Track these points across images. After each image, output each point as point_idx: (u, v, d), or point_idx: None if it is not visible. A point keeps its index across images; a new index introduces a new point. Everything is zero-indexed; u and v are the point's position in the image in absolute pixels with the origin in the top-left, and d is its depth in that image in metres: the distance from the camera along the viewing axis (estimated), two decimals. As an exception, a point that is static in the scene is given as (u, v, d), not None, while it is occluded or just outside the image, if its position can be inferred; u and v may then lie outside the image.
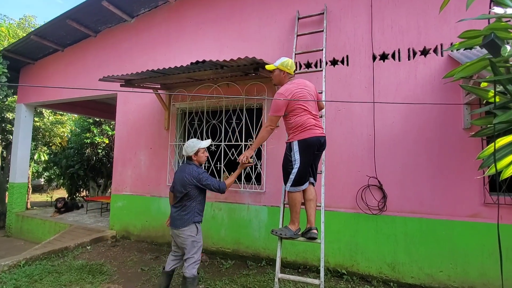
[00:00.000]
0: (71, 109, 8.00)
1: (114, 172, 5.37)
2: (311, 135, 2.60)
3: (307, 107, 2.66)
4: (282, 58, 2.84)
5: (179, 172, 2.85)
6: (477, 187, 3.11)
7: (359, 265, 3.48)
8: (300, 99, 2.63)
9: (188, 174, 2.72)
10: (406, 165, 3.38)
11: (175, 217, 2.74)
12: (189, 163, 2.84)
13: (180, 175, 2.78)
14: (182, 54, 4.86)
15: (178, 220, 2.71)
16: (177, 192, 2.76)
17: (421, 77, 3.41)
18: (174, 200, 2.84)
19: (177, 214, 2.74)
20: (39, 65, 6.63)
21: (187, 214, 2.73)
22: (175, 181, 2.84)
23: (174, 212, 2.77)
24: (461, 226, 3.13)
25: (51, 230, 5.83)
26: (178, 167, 2.88)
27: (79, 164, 9.87)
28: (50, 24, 5.37)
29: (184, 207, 2.75)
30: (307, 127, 2.61)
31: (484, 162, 1.22)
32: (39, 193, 14.41)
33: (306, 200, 2.74)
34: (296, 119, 2.64)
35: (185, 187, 2.69)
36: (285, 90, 2.69)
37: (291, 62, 2.82)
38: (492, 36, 0.95)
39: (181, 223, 2.70)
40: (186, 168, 2.79)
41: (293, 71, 2.88)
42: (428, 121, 3.33)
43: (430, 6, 3.45)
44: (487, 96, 1.16)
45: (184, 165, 2.85)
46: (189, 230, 2.70)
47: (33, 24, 11.72)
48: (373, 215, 3.44)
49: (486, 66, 1.10)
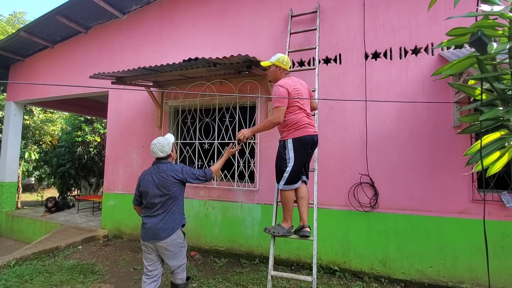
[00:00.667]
0: (62, 107, 7.86)
1: (106, 171, 5.31)
2: (305, 133, 2.61)
3: (303, 105, 2.67)
4: (277, 54, 2.83)
5: (150, 175, 2.39)
6: (466, 184, 3.17)
7: (351, 262, 3.51)
8: (298, 96, 2.63)
9: (168, 172, 2.36)
10: (397, 162, 3.42)
11: (158, 228, 2.30)
12: (163, 162, 2.44)
13: (155, 178, 2.35)
14: (175, 51, 4.81)
15: (164, 230, 2.31)
16: (155, 198, 2.33)
17: (412, 76, 3.45)
18: (149, 209, 2.38)
19: (162, 223, 2.32)
20: (29, 62, 6.50)
21: (174, 219, 2.37)
22: (147, 187, 2.35)
23: (155, 222, 2.32)
24: (450, 222, 3.18)
25: (41, 229, 5.74)
26: (144, 172, 2.47)
27: (70, 163, 9.71)
28: (40, 21, 5.26)
29: (169, 212, 2.36)
30: (301, 125, 2.62)
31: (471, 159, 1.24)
32: (30, 192, 14.16)
33: (299, 198, 2.75)
34: (291, 117, 2.64)
35: (168, 188, 2.33)
36: (284, 83, 2.66)
37: (286, 58, 2.81)
38: (479, 34, 0.96)
39: (168, 232, 2.31)
40: (161, 168, 2.40)
41: (289, 67, 2.86)
42: (419, 119, 3.37)
43: (421, 6, 3.48)
44: (474, 93, 1.18)
45: (156, 167, 2.42)
46: (177, 236, 2.37)
47: (23, 21, 11.47)
48: (365, 212, 3.47)
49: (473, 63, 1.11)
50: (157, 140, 2.45)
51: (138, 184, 2.46)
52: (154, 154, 2.44)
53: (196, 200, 4.44)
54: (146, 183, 2.37)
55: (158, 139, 2.46)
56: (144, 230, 2.38)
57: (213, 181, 4.36)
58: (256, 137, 4.13)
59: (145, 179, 2.39)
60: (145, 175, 2.43)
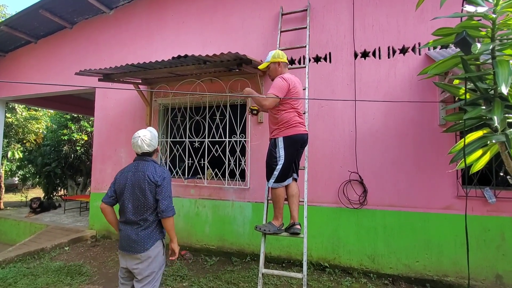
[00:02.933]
0: (47, 104, 7.63)
1: (94, 170, 5.19)
2: (296, 132, 2.64)
3: (296, 105, 2.69)
4: (270, 52, 2.85)
5: (129, 172, 2.03)
6: (450, 181, 3.26)
7: (341, 258, 3.57)
8: (296, 96, 2.65)
9: (147, 171, 1.98)
10: (386, 160, 3.49)
11: (135, 239, 1.94)
12: (146, 159, 2.08)
13: (132, 177, 2.00)
14: (164, 48, 4.74)
15: (141, 240, 1.94)
16: (133, 200, 1.96)
17: (400, 75, 3.51)
18: (123, 214, 2.01)
19: (140, 233, 1.95)
20: (11, 57, 6.26)
21: (153, 229, 2.00)
22: (123, 186, 2.00)
23: (131, 230, 1.96)
24: (436, 218, 3.27)
25: (26, 231, 5.57)
26: (123, 168, 2.13)
27: (56, 162, 9.44)
28: (22, 14, 5.06)
29: (146, 222, 1.97)
30: (292, 124, 2.65)
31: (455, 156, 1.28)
32: (13, 192, 13.69)
33: (289, 196, 2.76)
34: (283, 115, 2.66)
35: (144, 191, 1.94)
36: (288, 78, 2.68)
37: (281, 52, 2.84)
38: (463, 34, 0.99)
39: (145, 243, 1.94)
40: (141, 165, 2.03)
41: (287, 59, 2.87)
42: (406, 118, 3.44)
43: (409, 6, 3.54)
44: (458, 93, 1.21)
45: (136, 164, 2.07)
46: (157, 248, 2.00)
47: (4, 14, 11.01)
48: (354, 209, 3.53)
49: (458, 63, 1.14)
50: (140, 132, 2.08)
51: (114, 181, 2.09)
52: (139, 149, 2.05)
53: (186, 199, 4.41)
54: (122, 181, 2.03)
55: (141, 131, 2.10)
56: (120, 238, 2.05)
57: (203, 180, 4.34)
58: (247, 136, 4.12)
59: (122, 176, 2.05)
60: (123, 172, 2.09)
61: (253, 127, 4.11)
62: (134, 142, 2.06)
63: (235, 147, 4.16)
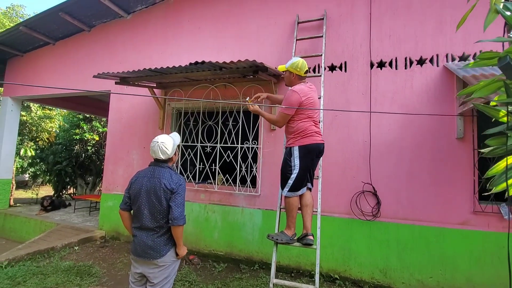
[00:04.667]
0: (61, 104, 7.78)
1: (105, 171, 5.24)
2: (312, 141, 2.63)
3: (313, 114, 2.68)
4: (293, 58, 2.82)
5: (143, 178, 2.01)
6: (467, 196, 3.18)
7: (352, 270, 3.50)
8: (310, 106, 2.64)
9: (163, 179, 1.97)
10: (400, 172, 3.43)
11: (151, 245, 1.95)
12: (161, 165, 2.05)
13: (148, 183, 1.98)
14: (179, 52, 4.79)
15: (157, 247, 1.96)
16: (149, 207, 1.96)
17: (417, 86, 3.47)
18: (139, 220, 2.01)
19: (157, 239, 1.97)
20: (28, 57, 6.42)
21: (170, 235, 2.01)
22: (138, 192, 1.99)
23: (147, 236, 1.97)
24: (451, 233, 3.19)
25: (36, 229, 5.63)
26: (138, 173, 2.10)
27: (67, 161, 9.59)
28: (42, 16, 5.20)
29: (162, 229, 1.99)
30: (308, 133, 2.64)
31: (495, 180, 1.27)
32: (23, 189, 13.97)
33: (303, 206, 2.74)
34: (298, 124, 2.65)
35: (160, 198, 1.94)
36: (299, 89, 2.65)
37: (301, 63, 2.76)
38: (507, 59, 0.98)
39: (161, 250, 1.96)
40: (157, 172, 2.01)
41: (304, 73, 2.80)
42: (422, 130, 3.39)
43: (427, 17, 3.51)
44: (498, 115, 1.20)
45: (151, 169, 2.04)
46: (172, 253, 2.03)
47: (22, 14, 11.33)
48: (367, 221, 3.47)
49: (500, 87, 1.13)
50: (161, 138, 2.05)
51: (129, 186, 2.09)
52: (154, 154, 2.05)
53: (196, 203, 4.41)
54: (137, 187, 2.01)
55: (162, 137, 2.07)
56: (133, 243, 2.05)
57: (214, 185, 4.34)
58: (259, 142, 4.12)
59: (137, 182, 2.03)
60: (137, 177, 2.06)
61: (265, 134, 4.10)
62: (152, 146, 2.05)
63: (247, 153, 4.16)
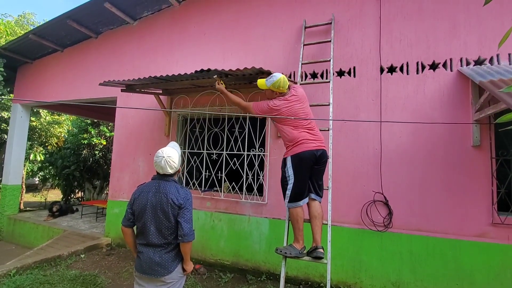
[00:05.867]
0: (69, 110, 7.85)
1: (111, 177, 5.24)
2: (303, 149, 2.55)
3: (299, 121, 2.61)
4: (274, 76, 2.69)
5: (148, 193, 1.93)
6: (485, 206, 3.04)
7: (363, 283, 3.38)
8: (290, 114, 2.59)
9: (170, 194, 1.89)
10: (413, 181, 3.30)
11: (157, 262, 1.87)
12: (167, 179, 1.97)
13: (154, 198, 1.90)
14: (185, 59, 4.76)
15: (165, 263, 1.88)
16: (155, 223, 1.88)
17: (429, 92, 3.35)
18: (144, 237, 1.91)
19: (164, 255, 1.89)
20: (37, 64, 6.50)
21: (177, 251, 1.94)
22: (143, 208, 1.91)
23: (154, 253, 1.88)
24: (468, 246, 3.05)
25: (44, 235, 5.66)
26: (140, 188, 2.03)
27: (75, 165, 9.68)
28: (50, 24, 5.26)
29: (170, 245, 1.91)
30: (299, 141, 2.57)
31: None
32: (33, 193, 14.15)
33: (311, 217, 2.65)
34: (289, 135, 2.61)
35: (167, 213, 1.86)
36: (274, 104, 2.66)
37: (283, 79, 2.66)
38: None
39: (169, 266, 1.89)
40: (163, 186, 1.93)
41: (287, 88, 2.73)
42: (436, 137, 3.26)
43: (439, 20, 3.39)
44: None
45: (156, 183, 1.96)
46: (180, 269, 1.96)
47: (32, 22, 11.57)
48: (378, 231, 3.35)
49: None
50: (166, 152, 1.95)
51: (132, 202, 1.98)
52: (161, 170, 1.95)
53: (202, 211, 4.34)
54: (142, 202, 1.92)
55: (167, 151, 1.96)
56: (138, 260, 1.94)
57: (220, 193, 4.27)
58: (266, 150, 4.04)
59: (141, 197, 1.94)
60: (141, 192, 1.97)
61: (272, 141, 4.02)
62: (157, 162, 1.95)
63: (254, 161, 4.08)
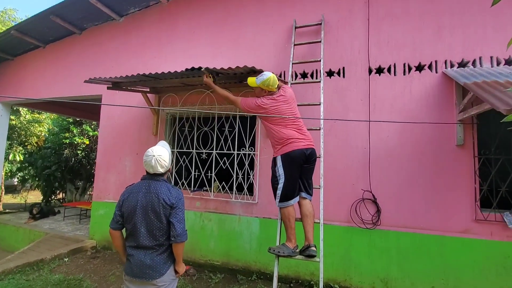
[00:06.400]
0: (51, 109, 7.57)
1: (96, 178, 5.08)
2: (293, 148, 2.56)
3: (289, 120, 2.62)
4: (264, 74, 2.72)
5: (138, 194, 1.86)
6: (468, 203, 3.15)
7: (352, 280, 3.43)
8: (274, 112, 2.61)
9: (161, 194, 1.83)
10: (400, 179, 3.38)
11: (149, 264, 1.80)
12: (157, 179, 1.91)
13: (144, 199, 1.83)
14: (174, 57, 4.68)
15: (156, 266, 1.82)
16: (146, 225, 1.81)
17: (416, 92, 3.44)
18: (135, 239, 1.84)
19: (156, 258, 1.83)
20: (19, 61, 6.22)
21: (169, 253, 1.89)
22: (133, 209, 1.83)
23: (145, 255, 1.81)
24: (453, 241, 3.15)
25: (25, 238, 5.43)
26: (129, 189, 1.95)
27: (56, 165, 9.34)
28: (33, 20, 5.05)
29: (162, 247, 1.85)
30: (289, 140, 2.58)
31: None
32: (12, 194, 13.58)
33: (303, 216, 2.66)
34: (278, 134, 2.61)
35: (159, 214, 1.80)
36: (262, 103, 2.68)
37: (273, 78, 2.69)
38: None
39: (161, 269, 1.83)
40: (153, 186, 1.87)
41: (276, 87, 2.75)
42: (422, 136, 3.35)
43: (425, 23, 3.49)
44: None
45: (146, 183, 1.89)
46: (172, 271, 1.91)
47: (14, 18, 11.09)
48: (367, 229, 3.41)
49: None
50: (156, 150, 1.89)
51: (121, 203, 1.90)
52: (151, 169, 1.88)
53: (191, 211, 4.28)
54: (132, 203, 1.85)
55: (157, 149, 1.91)
56: (128, 263, 1.87)
57: (210, 193, 4.22)
58: (256, 149, 4.03)
59: (131, 198, 1.86)
60: (130, 193, 1.90)
61: (262, 140, 4.02)
62: (147, 161, 1.88)
63: (244, 160, 4.06)
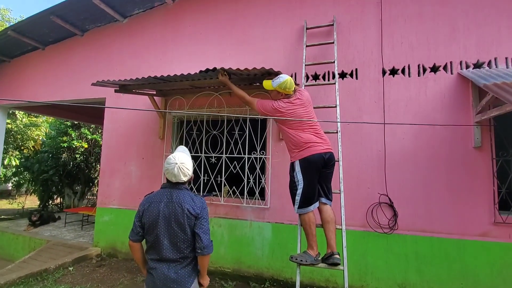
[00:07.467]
0: (50, 112, 7.37)
1: (101, 184, 4.93)
2: (312, 152, 2.50)
3: (306, 124, 2.57)
4: (281, 77, 2.66)
5: (159, 204, 1.76)
6: (487, 206, 3.11)
7: (369, 286, 3.36)
8: (290, 116, 2.57)
9: (184, 204, 1.73)
10: (417, 182, 3.33)
11: (174, 278, 1.71)
12: (180, 188, 1.81)
13: (167, 209, 1.73)
14: (180, 59, 4.58)
15: (181, 280, 1.73)
16: (169, 236, 1.72)
17: (431, 94, 3.39)
18: (157, 251, 1.75)
19: (180, 271, 1.74)
20: (16, 63, 6.04)
21: (194, 266, 1.81)
22: (155, 220, 1.74)
23: (169, 269, 1.73)
24: (471, 245, 3.10)
25: (25, 246, 5.24)
26: (149, 198, 1.84)
27: (53, 170, 9.09)
28: (32, 20, 4.88)
29: (187, 259, 1.77)
30: (307, 144, 2.51)
31: None
32: (7, 199, 13.24)
33: (324, 223, 2.59)
34: (296, 138, 2.54)
35: (183, 225, 1.71)
36: (279, 106, 2.63)
37: (289, 81, 2.63)
38: None
39: (186, 283, 1.74)
40: (176, 195, 1.76)
41: (293, 90, 2.69)
42: (438, 138, 3.30)
43: (439, 23, 3.45)
44: None
45: (168, 192, 1.79)
46: (196, 285, 1.82)
47: (8, 18, 10.84)
48: (384, 233, 3.34)
49: None
50: (178, 158, 1.78)
51: (141, 213, 1.80)
52: (174, 178, 1.77)
53: (200, 217, 4.17)
54: (153, 214, 1.74)
55: (179, 156, 1.79)
56: (150, 277, 1.77)
57: (220, 198, 4.12)
58: (268, 152, 3.94)
59: (152, 208, 1.75)
60: (151, 202, 1.78)
61: (274, 143, 3.94)
62: (169, 169, 1.77)
63: (255, 164, 3.97)
